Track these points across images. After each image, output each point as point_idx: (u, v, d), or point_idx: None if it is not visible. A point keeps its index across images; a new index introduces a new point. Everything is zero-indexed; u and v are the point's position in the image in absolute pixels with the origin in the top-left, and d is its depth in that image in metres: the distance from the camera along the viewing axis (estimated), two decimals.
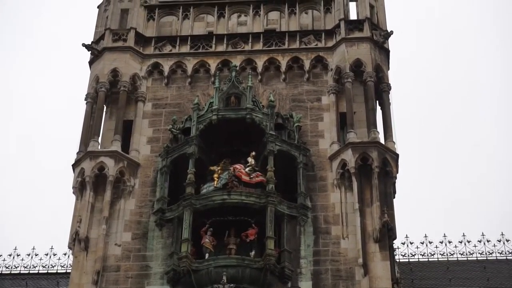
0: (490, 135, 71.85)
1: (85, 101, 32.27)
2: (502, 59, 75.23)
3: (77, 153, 30.63)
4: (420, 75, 77.72)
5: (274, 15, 35.43)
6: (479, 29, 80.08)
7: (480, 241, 36.00)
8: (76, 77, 70.46)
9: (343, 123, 30.78)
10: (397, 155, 29.62)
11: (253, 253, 27.50)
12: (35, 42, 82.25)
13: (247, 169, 28.98)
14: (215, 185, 28.84)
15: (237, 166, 29.08)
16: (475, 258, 35.51)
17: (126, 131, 31.34)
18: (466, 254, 35.69)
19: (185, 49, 33.66)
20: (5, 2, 78.05)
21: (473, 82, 76.37)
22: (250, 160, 29.23)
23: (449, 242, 36.00)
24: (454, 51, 78.82)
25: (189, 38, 34.04)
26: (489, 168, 69.86)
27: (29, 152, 74.55)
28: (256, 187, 28.68)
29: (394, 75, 39.23)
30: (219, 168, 29.29)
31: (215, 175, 29.09)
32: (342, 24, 32.95)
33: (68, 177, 30.51)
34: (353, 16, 34.10)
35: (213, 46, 33.62)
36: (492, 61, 77.61)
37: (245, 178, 28.77)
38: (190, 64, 33.10)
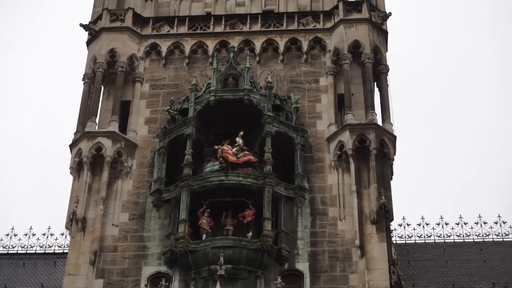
0: (489, 117, 71.94)
1: (83, 82, 32.22)
2: (503, 41, 75.26)
3: (75, 133, 30.61)
4: (418, 57, 77.73)
5: None
6: (479, 10, 79.96)
7: (477, 223, 36.20)
8: (73, 57, 70.32)
9: (341, 104, 30.78)
10: (395, 137, 29.62)
11: (250, 234, 27.54)
12: (32, 22, 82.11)
13: (234, 150, 29.04)
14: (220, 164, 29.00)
15: (225, 147, 29.14)
16: (472, 240, 35.69)
17: (123, 111, 31.33)
18: (463, 236, 35.88)
19: (183, 29, 33.59)
20: None
21: (472, 64, 76.45)
22: (238, 140, 29.29)
23: (446, 224, 36.20)
24: (454, 32, 78.78)
25: (187, 18, 33.97)
26: (486, 150, 69.95)
27: (26, 132, 74.62)
28: (244, 166, 28.74)
29: (392, 57, 39.26)
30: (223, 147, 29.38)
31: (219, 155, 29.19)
32: (341, 5, 32.86)
33: (66, 157, 30.54)
34: None
35: (211, 27, 33.53)
36: (493, 42, 77.46)
37: (232, 158, 28.83)
38: (188, 45, 33.03)
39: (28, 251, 37.03)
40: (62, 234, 36.80)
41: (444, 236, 35.81)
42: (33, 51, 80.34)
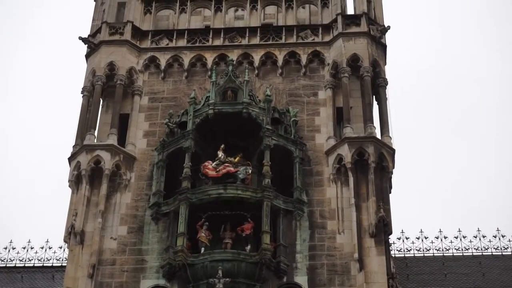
0: (487, 130, 71.95)
1: (82, 95, 32.23)
2: (501, 54, 75.27)
3: (73, 146, 30.60)
4: (417, 70, 77.86)
5: (271, 9, 35.41)
6: (477, 23, 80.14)
7: (475, 237, 36.10)
8: (72, 71, 70.41)
9: (340, 118, 30.79)
10: (393, 150, 29.62)
11: (248, 247, 27.50)
12: (32, 35, 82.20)
13: (213, 164, 29.06)
14: None
15: (205, 163, 29.16)
16: (471, 254, 35.58)
17: (122, 124, 31.33)
18: (462, 249, 35.78)
19: (182, 43, 33.63)
20: None
21: (470, 77, 76.50)
22: (219, 153, 29.33)
23: (445, 237, 36.10)
24: (451, 45, 78.91)
25: (186, 32, 34.01)
26: (485, 163, 69.97)
27: (25, 145, 74.61)
28: (224, 179, 28.68)
29: (391, 70, 39.31)
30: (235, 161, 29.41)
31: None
32: (339, 19, 32.92)
33: (64, 171, 30.51)
34: (350, 11, 34.12)
35: (210, 40, 33.58)
36: (490, 55, 77.70)
37: (212, 173, 28.91)
38: (187, 58, 33.07)
39: (26, 265, 36.89)
40: (61, 248, 36.73)
41: (443, 250, 35.74)
42: (32, 64, 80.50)
